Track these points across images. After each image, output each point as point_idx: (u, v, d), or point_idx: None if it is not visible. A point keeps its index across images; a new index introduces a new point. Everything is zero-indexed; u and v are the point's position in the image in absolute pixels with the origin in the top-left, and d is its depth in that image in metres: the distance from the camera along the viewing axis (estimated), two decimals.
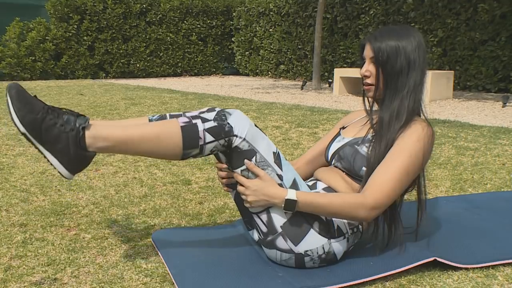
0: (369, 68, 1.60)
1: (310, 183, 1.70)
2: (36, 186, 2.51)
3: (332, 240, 1.52)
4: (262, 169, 1.47)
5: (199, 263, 1.57)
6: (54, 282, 1.48)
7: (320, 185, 1.66)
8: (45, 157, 1.43)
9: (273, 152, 1.50)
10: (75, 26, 10.71)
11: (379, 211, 1.47)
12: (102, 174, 2.78)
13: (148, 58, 11.77)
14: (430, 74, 6.29)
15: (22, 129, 1.37)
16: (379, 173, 1.49)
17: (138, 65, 11.62)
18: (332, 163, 1.70)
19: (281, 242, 1.50)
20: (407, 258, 1.57)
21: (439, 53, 8.28)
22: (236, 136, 1.45)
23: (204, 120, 1.45)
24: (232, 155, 1.48)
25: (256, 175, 1.48)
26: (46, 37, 10.44)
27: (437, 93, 6.59)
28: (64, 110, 1.45)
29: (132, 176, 2.73)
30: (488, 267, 1.58)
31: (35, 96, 1.43)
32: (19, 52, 10.13)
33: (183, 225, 1.99)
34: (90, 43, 10.94)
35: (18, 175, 2.71)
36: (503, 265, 1.60)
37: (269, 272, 1.51)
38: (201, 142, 1.44)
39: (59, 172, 1.44)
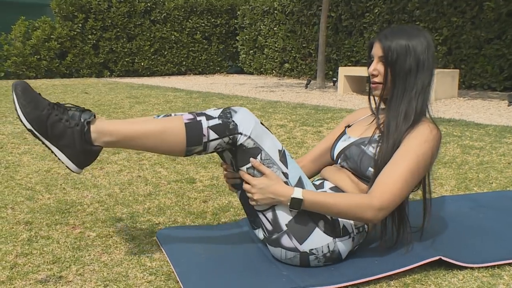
0: (377, 67, 1.59)
1: (317, 183, 1.70)
2: (41, 184, 2.52)
3: (337, 240, 1.51)
4: (268, 167, 1.47)
5: (204, 262, 1.57)
6: (59, 280, 1.49)
7: (327, 185, 1.65)
8: (52, 152, 1.45)
9: (279, 150, 1.50)
10: (80, 25, 10.73)
11: (385, 212, 1.46)
12: (106, 172, 2.78)
13: (153, 56, 11.79)
14: (435, 73, 6.27)
15: (28, 125, 1.39)
16: (386, 174, 1.48)
17: (142, 64, 11.63)
18: (338, 162, 1.69)
19: (286, 241, 1.50)
20: (412, 257, 1.57)
21: (444, 51, 8.25)
22: (241, 134, 1.45)
23: (209, 118, 1.45)
24: (237, 153, 1.48)
25: (262, 173, 1.47)
26: (51, 36, 10.47)
27: (442, 91, 6.57)
28: (70, 105, 1.46)
29: (136, 175, 2.74)
30: (493, 266, 1.57)
31: (39, 94, 1.44)
32: (24, 51, 10.16)
33: (187, 224, 1.99)
34: (94, 41, 10.96)
35: (23, 173, 2.72)
36: (509, 264, 1.59)
37: (274, 270, 1.51)
38: (204, 139, 1.44)
39: (67, 166, 1.46)
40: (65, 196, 2.33)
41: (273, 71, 11.94)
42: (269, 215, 1.51)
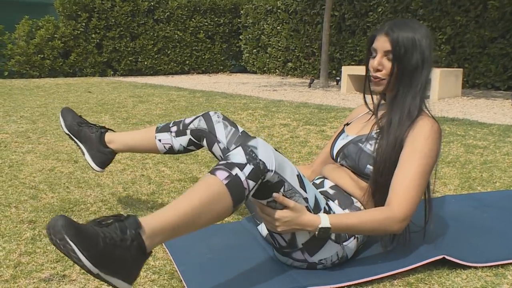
0: (382, 61, 1.55)
1: (318, 181, 1.69)
2: (45, 183, 2.53)
3: (344, 244, 1.51)
4: (290, 197, 1.39)
5: (207, 260, 1.57)
6: (62, 279, 1.49)
7: (327, 183, 1.65)
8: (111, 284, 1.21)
9: (297, 176, 1.41)
10: (84, 24, 10.74)
11: (408, 220, 1.46)
12: (110, 171, 2.79)
13: (156, 56, 11.79)
14: (438, 72, 6.25)
15: (96, 270, 1.15)
16: (399, 181, 1.47)
17: (146, 63, 11.64)
18: (338, 161, 1.69)
19: (297, 255, 1.49)
20: (416, 256, 1.57)
21: (448, 50, 8.22)
22: (269, 170, 1.34)
23: (241, 167, 1.31)
24: (260, 189, 1.37)
25: (284, 206, 1.38)
26: (55, 35, 10.49)
27: (445, 91, 6.55)
28: (110, 217, 1.24)
29: (140, 174, 2.74)
30: (497, 266, 1.57)
31: (87, 223, 1.21)
32: (28, 50, 10.18)
33: None
34: (98, 41, 10.97)
35: (27, 172, 2.73)
36: None
37: (277, 270, 1.51)
38: (246, 192, 1.31)
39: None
40: (69, 195, 2.34)
41: (276, 70, 11.93)
42: (287, 236, 1.47)
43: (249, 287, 1.41)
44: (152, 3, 11.60)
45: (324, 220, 1.39)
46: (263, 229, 1.72)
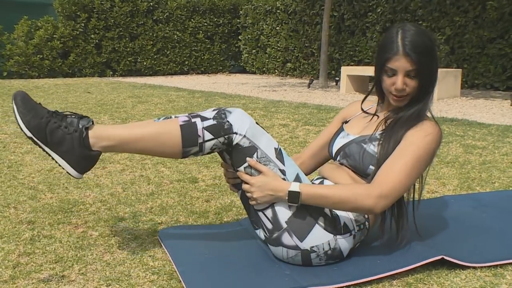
0: (406, 81, 1.53)
1: (317, 182, 1.69)
2: (44, 183, 2.52)
3: (338, 237, 1.51)
4: (264, 164, 1.49)
5: (206, 261, 1.57)
6: (61, 279, 1.49)
7: (327, 184, 1.65)
8: (53, 159, 1.49)
9: (275, 148, 1.51)
10: (83, 24, 10.74)
11: (386, 201, 1.44)
12: (109, 172, 2.79)
13: (155, 56, 11.79)
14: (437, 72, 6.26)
15: (28, 133, 1.43)
16: (387, 165, 1.49)
17: (145, 63, 11.64)
18: (337, 159, 1.69)
19: (286, 238, 1.50)
20: (415, 256, 1.57)
21: (447, 51, 8.23)
22: (236, 133, 1.47)
23: (203, 119, 1.48)
24: (234, 153, 1.50)
25: (259, 172, 1.49)
26: (54, 35, 10.49)
27: (444, 91, 6.56)
28: (68, 113, 1.50)
29: (139, 174, 2.74)
30: (496, 266, 1.57)
31: (39, 103, 1.49)
32: (27, 50, 10.18)
33: (190, 223, 2.00)
34: (97, 41, 10.97)
35: (26, 173, 2.73)
36: (511, 264, 1.59)
37: (276, 270, 1.51)
38: (200, 140, 1.47)
39: (67, 172, 1.49)
40: (68, 195, 2.34)
41: (276, 70, 11.93)
42: (269, 212, 1.51)
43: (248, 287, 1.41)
44: (151, 4, 11.60)
45: (294, 185, 1.46)
46: (260, 233, 1.73)
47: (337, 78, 8.83)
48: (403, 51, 1.50)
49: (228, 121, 1.47)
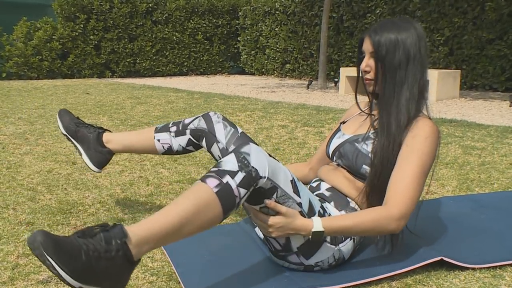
0: (369, 62, 1.58)
1: (314, 184, 1.69)
2: (43, 184, 2.52)
3: (340, 245, 1.51)
4: (284, 202, 1.39)
5: (205, 262, 1.57)
6: (60, 281, 1.49)
7: (324, 186, 1.65)
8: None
9: (291, 181, 1.41)
10: (82, 26, 10.74)
11: (405, 220, 1.45)
12: (108, 173, 2.79)
13: (154, 57, 11.79)
14: (436, 73, 6.26)
15: (78, 284, 1.14)
16: (397, 180, 1.47)
17: (144, 64, 11.64)
18: (334, 159, 1.69)
19: (293, 258, 1.49)
20: (414, 257, 1.57)
21: (446, 52, 8.24)
22: (261, 177, 1.34)
23: (232, 174, 1.30)
24: (253, 195, 1.37)
25: (278, 212, 1.39)
26: (53, 37, 10.48)
27: (443, 92, 6.56)
28: (95, 227, 1.23)
29: (138, 175, 2.74)
30: (495, 267, 1.57)
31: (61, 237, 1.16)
32: (26, 52, 10.17)
33: None
34: (96, 42, 10.97)
35: (25, 174, 2.72)
36: (510, 265, 1.59)
37: (275, 272, 1.51)
38: (237, 200, 1.31)
39: None
40: (67, 196, 2.33)
41: (275, 71, 11.94)
42: (281, 240, 1.47)
43: None
44: (150, 5, 11.61)
45: (316, 224, 1.40)
46: (259, 231, 1.73)
47: (336, 79, 8.84)
48: (368, 32, 1.57)
49: (253, 167, 1.32)
